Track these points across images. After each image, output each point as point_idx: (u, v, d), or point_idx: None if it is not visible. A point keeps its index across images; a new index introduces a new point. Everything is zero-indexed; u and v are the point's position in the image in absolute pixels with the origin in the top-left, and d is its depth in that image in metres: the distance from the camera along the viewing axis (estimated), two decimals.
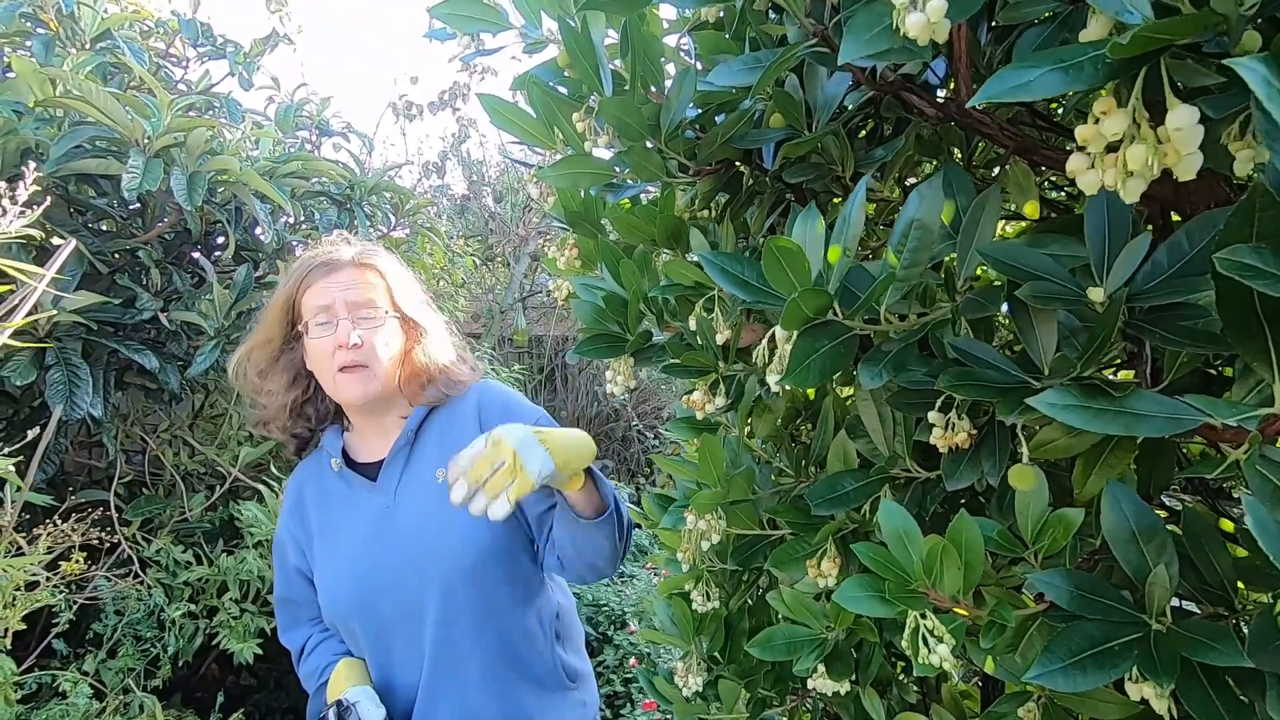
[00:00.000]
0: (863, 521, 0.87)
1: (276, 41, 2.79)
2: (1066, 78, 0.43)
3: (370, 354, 1.16)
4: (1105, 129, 0.45)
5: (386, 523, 1.20)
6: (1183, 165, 0.44)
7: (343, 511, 1.24)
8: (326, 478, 1.28)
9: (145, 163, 1.92)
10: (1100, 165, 0.47)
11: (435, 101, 5.96)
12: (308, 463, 1.32)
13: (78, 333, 2.06)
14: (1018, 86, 0.43)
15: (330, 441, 1.28)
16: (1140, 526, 0.61)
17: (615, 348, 0.95)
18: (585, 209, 1.03)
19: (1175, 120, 0.43)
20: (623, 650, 3.03)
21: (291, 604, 1.31)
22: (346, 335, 1.14)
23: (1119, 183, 0.46)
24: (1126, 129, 0.44)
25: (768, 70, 0.66)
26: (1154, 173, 0.44)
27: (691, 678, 1.04)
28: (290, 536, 1.29)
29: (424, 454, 1.23)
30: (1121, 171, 0.45)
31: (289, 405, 1.26)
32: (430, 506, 1.18)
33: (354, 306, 1.17)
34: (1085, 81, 0.43)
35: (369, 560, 1.19)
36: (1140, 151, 0.44)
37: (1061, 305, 0.54)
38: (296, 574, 1.29)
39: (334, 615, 1.22)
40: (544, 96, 0.79)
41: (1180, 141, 0.44)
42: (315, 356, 1.19)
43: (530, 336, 5.42)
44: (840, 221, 0.56)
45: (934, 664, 0.63)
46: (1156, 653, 0.55)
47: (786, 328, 0.55)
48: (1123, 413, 0.50)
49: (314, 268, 1.20)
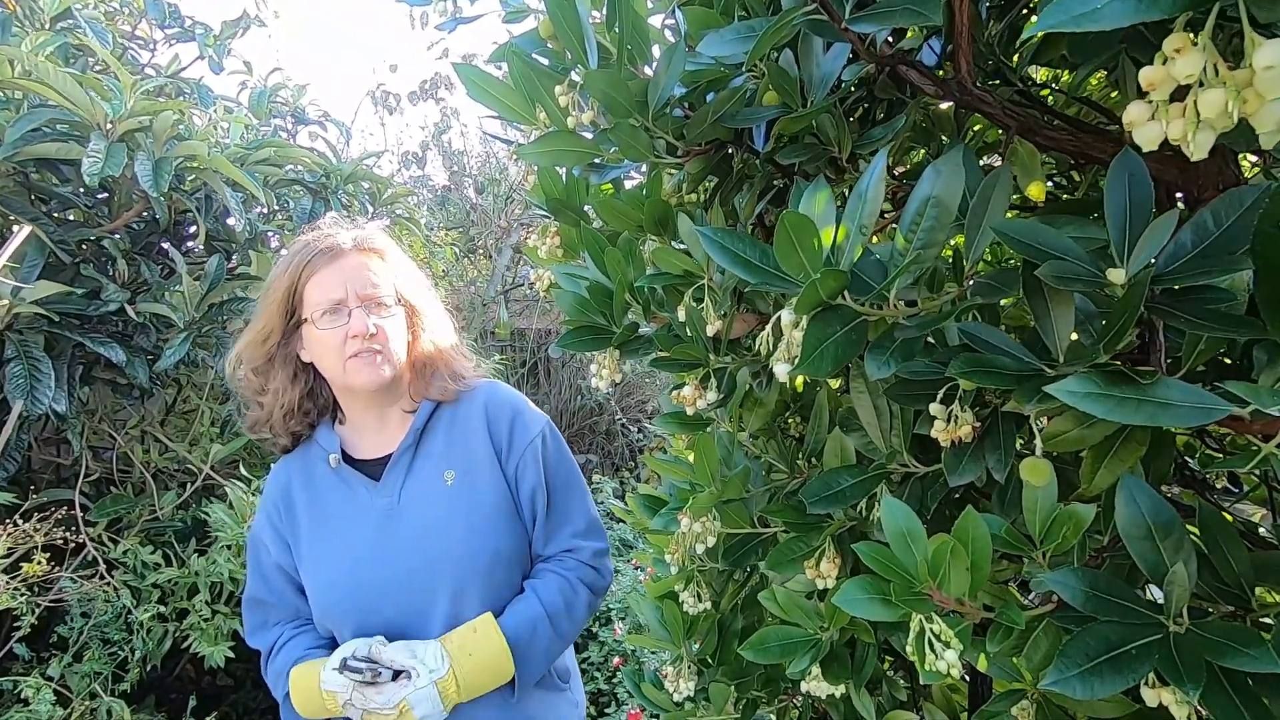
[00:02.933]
0: (860, 519, 0.83)
1: (248, 24, 2.70)
2: (1139, 5, 0.38)
3: (384, 340, 1.14)
4: (1178, 70, 0.40)
5: (391, 525, 1.16)
6: (1264, 113, 0.39)
7: (339, 511, 1.19)
8: (318, 474, 1.22)
9: (108, 147, 1.84)
10: (1164, 115, 0.42)
11: (416, 92, 5.86)
12: (294, 457, 1.26)
13: (39, 325, 1.98)
14: (1083, 15, 0.38)
15: (325, 437, 1.23)
16: (1157, 522, 0.58)
17: (600, 340, 0.91)
18: (567, 194, 0.98)
19: (1265, 57, 0.37)
20: (608, 647, 2.99)
21: (263, 605, 1.25)
22: (364, 325, 1.11)
23: (1188, 134, 0.41)
24: (1201, 71, 0.39)
25: (761, 38, 0.62)
26: (1232, 121, 0.39)
27: (682, 682, 1.01)
28: (273, 532, 1.23)
29: (430, 455, 1.19)
30: (1191, 122, 0.40)
31: (295, 402, 1.21)
32: (440, 509, 1.15)
33: (366, 297, 1.14)
34: (1161, 10, 0.38)
35: (373, 563, 1.15)
36: (1218, 96, 0.39)
37: (1081, 287, 0.50)
38: (275, 571, 1.23)
39: (329, 617, 1.17)
40: (525, 68, 0.74)
41: (1268, 83, 0.38)
42: (323, 347, 1.14)
43: (513, 329, 5.35)
44: (854, 198, 0.52)
45: (941, 670, 0.60)
46: (1179, 656, 0.52)
47: (799, 312, 0.51)
48: (1147, 401, 0.47)
49: (315, 254, 1.15)
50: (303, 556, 1.20)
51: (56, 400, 1.93)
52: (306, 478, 1.23)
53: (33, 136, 1.83)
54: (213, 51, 2.57)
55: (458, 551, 1.13)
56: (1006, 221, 0.54)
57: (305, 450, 1.25)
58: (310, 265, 1.14)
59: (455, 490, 1.16)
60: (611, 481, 4.38)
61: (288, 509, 1.22)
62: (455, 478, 1.17)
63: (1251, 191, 0.51)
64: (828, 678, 0.85)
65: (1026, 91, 0.94)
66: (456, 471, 1.17)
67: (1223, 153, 0.72)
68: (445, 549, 1.13)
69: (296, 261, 1.15)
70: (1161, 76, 0.41)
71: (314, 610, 1.19)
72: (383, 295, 1.15)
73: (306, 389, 1.22)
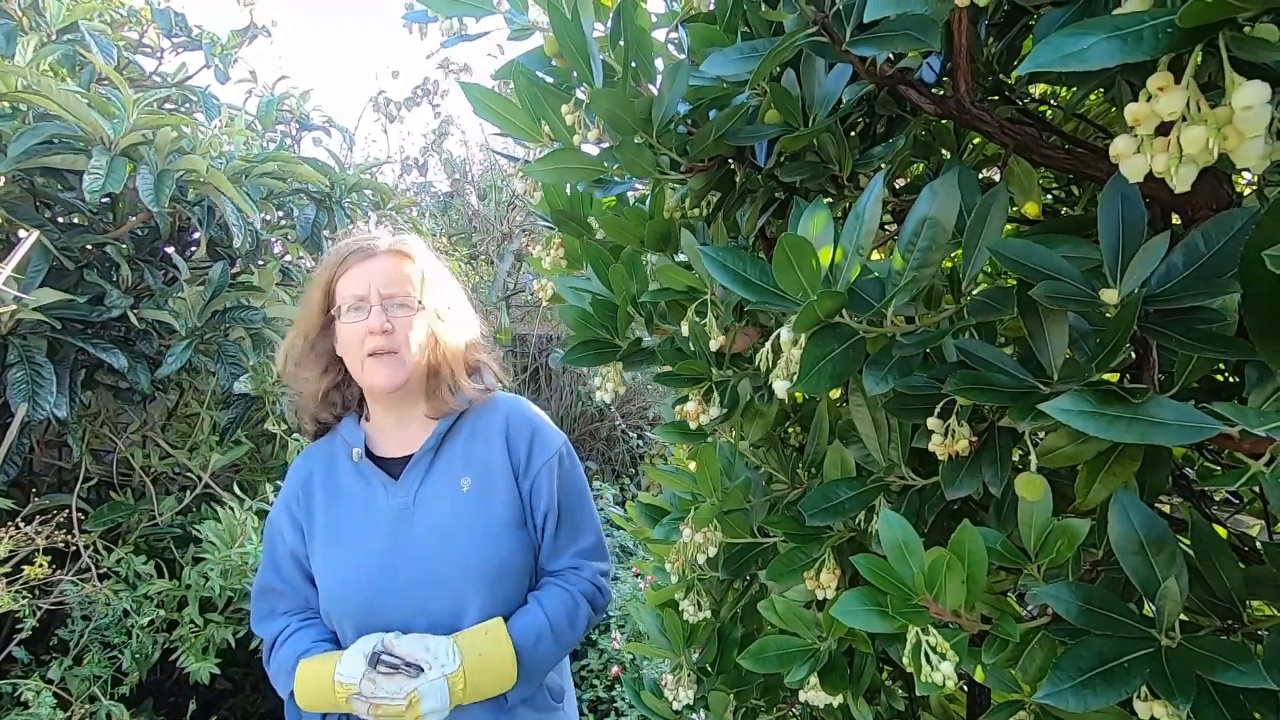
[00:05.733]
0: (859, 531, 0.84)
1: (255, 33, 2.72)
2: (1125, 47, 0.39)
3: (400, 341, 1.16)
4: (1161, 107, 0.41)
5: (404, 526, 1.18)
6: (1243, 149, 0.41)
7: (357, 505, 1.21)
8: (340, 467, 1.25)
9: (109, 162, 1.85)
10: (1148, 149, 0.43)
11: (410, 97, 5.85)
12: (317, 448, 1.30)
13: (42, 330, 1.99)
14: (1070, 55, 0.40)
15: (350, 431, 1.26)
16: (1149, 537, 0.59)
17: (604, 355, 0.92)
18: (572, 207, 1.00)
19: (1244, 98, 0.39)
20: (607, 655, 2.99)
21: (273, 593, 1.26)
22: (379, 321, 1.14)
23: (1171, 168, 0.42)
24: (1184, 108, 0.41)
25: (765, 59, 0.63)
26: (1212, 157, 0.41)
27: (682, 690, 1.01)
28: (289, 519, 1.25)
29: (448, 462, 1.21)
30: (1174, 156, 0.42)
31: (321, 392, 1.26)
32: (453, 515, 1.17)
33: (388, 295, 1.17)
34: (1145, 51, 0.39)
35: (383, 562, 1.16)
36: (1199, 133, 0.41)
37: (1075, 307, 0.51)
38: (289, 559, 1.25)
39: (335, 609, 1.18)
40: (531, 86, 0.75)
41: (1246, 122, 0.40)
42: (346, 341, 1.19)
43: (514, 335, 5.36)
44: (852, 218, 0.53)
45: (937, 681, 0.60)
46: (1170, 670, 0.53)
47: (798, 330, 0.52)
48: (1139, 420, 0.48)
49: (351, 253, 1.20)
50: (316, 547, 1.22)
51: (58, 406, 1.94)
52: (328, 469, 1.26)
53: (38, 149, 1.84)
54: (220, 61, 2.59)
55: (467, 557, 1.15)
56: (1002, 241, 0.55)
57: (329, 442, 1.29)
58: (345, 263, 1.20)
59: (470, 498, 1.18)
60: (612, 488, 4.39)
61: (307, 498, 1.25)
62: (471, 485, 1.19)
63: (1241, 214, 0.52)
64: (826, 687, 0.86)
65: (1025, 108, 0.96)
66: (473, 479, 1.19)
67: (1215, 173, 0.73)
68: (455, 553, 1.15)
69: (334, 258, 1.22)
70: (1146, 113, 0.43)
71: (321, 601, 1.21)
72: (405, 295, 1.18)
73: (335, 381, 1.27)
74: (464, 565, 1.14)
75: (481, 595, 1.14)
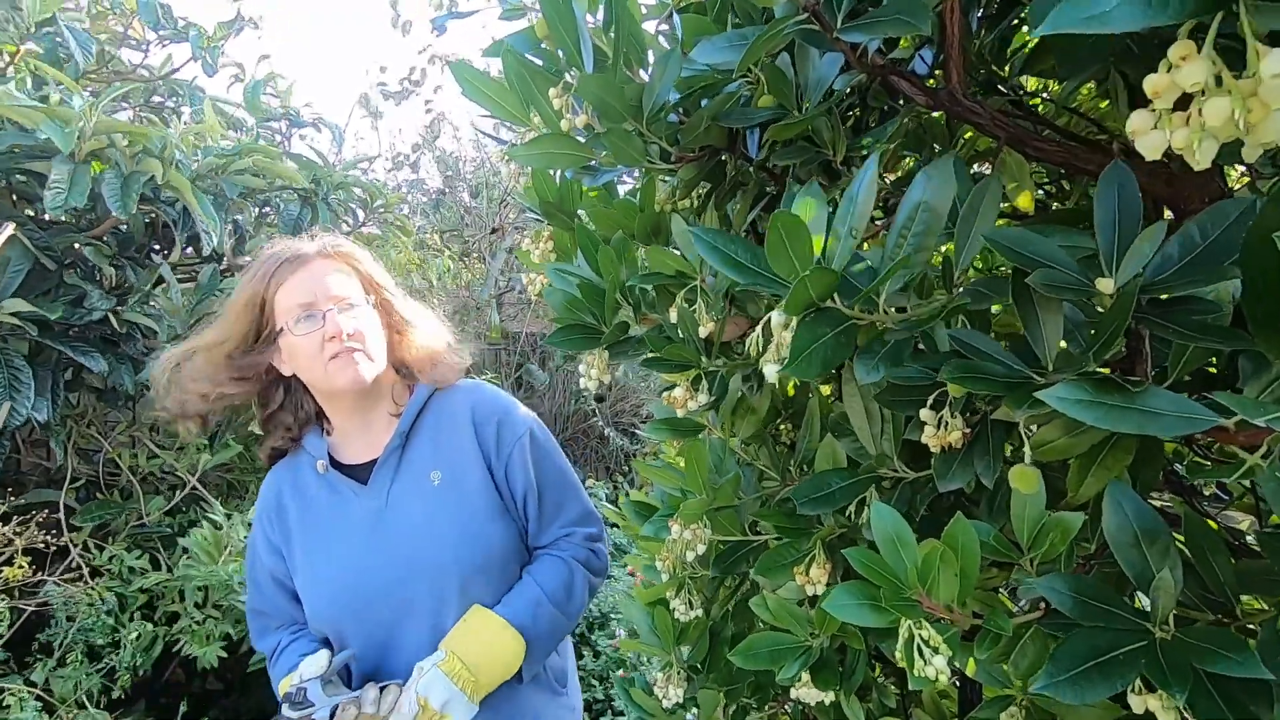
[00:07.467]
0: (850, 526, 0.83)
1: (241, 26, 2.69)
2: (1149, 10, 0.37)
3: (362, 339, 1.13)
4: (1183, 78, 0.39)
5: (380, 529, 1.16)
6: (1270, 122, 0.39)
7: (328, 516, 1.19)
8: (307, 480, 1.22)
9: (71, 173, 1.79)
10: (1167, 124, 0.41)
11: (399, 90, 5.77)
12: (283, 466, 1.27)
13: (21, 333, 1.96)
14: (1092, 17, 0.37)
15: (313, 443, 1.23)
16: (1143, 529, 0.58)
17: (589, 340, 0.90)
18: (560, 197, 0.98)
19: (1274, 64, 0.37)
20: (604, 656, 2.98)
21: (262, 614, 1.27)
22: (338, 326, 1.10)
23: (1193, 143, 0.40)
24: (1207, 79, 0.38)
25: (752, 46, 0.62)
26: (1238, 130, 0.39)
27: (672, 689, 1.00)
28: (266, 542, 1.23)
29: (417, 457, 1.19)
30: (1195, 131, 0.40)
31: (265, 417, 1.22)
32: (428, 509, 1.15)
33: (336, 298, 1.13)
34: (1170, 15, 0.37)
35: (362, 565, 1.14)
36: (1223, 105, 0.39)
37: (1070, 296, 0.51)
38: (270, 581, 1.24)
39: (321, 620, 1.17)
40: (520, 68, 0.74)
41: (1275, 92, 0.38)
42: (301, 354, 1.13)
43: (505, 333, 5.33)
44: (845, 201, 0.52)
45: (930, 676, 0.60)
46: (1165, 662, 0.52)
47: (789, 312, 0.51)
48: (1136, 410, 0.47)
49: (281, 263, 1.14)
50: (296, 565, 1.20)
51: (37, 409, 1.90)
52: (296, 486, 1.23)
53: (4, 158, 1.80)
54: (206, 54, 2.55)
55: (448, 550, 1.13)
56: (997, 230, 0.54)
57: (294, 459, 1.26)
58: (276, 275, 1.13)
59: (442, 490, 1.16)
60: (604, 487, 4.38)
61: (279, 517, 1.23)
62: (442, 478, 1.17)
63: (1237, 205, 0.52)
64: (817, 684, 0.85)
65: (1018, 101, 0.95)
66: (443, 472, 1.17)
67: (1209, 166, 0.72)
68: (435, 548, 1.13)
69: (262, 273, 1.14)
70: (1166, 84, 0.41)
71: (308, 615, 1.19)
72: (352, 297, 1.15)
73: (282, 403, 1.22)
74: (444, 560, 1.12)
75: (468, 588, 1.13)
